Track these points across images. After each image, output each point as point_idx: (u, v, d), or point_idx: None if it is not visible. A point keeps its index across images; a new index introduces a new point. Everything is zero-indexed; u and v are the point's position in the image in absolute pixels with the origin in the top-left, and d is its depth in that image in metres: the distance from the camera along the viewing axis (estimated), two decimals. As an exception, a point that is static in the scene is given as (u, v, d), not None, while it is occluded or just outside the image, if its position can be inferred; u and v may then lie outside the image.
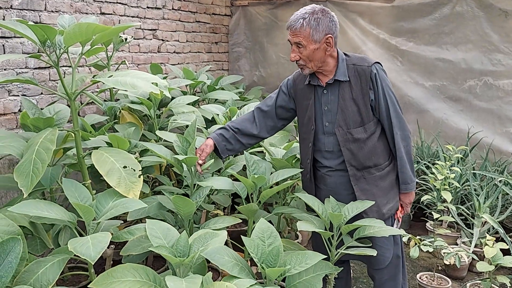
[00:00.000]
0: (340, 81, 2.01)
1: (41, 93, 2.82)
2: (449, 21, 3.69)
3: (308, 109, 2.10)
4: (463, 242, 3.13)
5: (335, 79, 2.01)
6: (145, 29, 3.64)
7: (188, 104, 2.87)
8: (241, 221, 2.24)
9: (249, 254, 1.71)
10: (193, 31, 4.20)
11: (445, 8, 3.69)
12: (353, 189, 2.05)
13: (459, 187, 3.27)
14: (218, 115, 2.81)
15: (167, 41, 3.89)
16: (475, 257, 2.65)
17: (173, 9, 3.92)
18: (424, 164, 3.70)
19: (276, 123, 2.26)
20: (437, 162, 3.03)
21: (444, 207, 2.98)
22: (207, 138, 2.22)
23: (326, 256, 1.76)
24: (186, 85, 3.35)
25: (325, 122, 2.07)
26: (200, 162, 2.12)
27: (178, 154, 2.15)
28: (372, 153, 2.04)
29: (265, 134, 2.26)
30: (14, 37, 2.62)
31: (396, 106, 2.03)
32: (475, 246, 2.94)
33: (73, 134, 2.02)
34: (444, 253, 2.80)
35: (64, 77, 2.90)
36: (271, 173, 2.30)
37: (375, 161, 2.05)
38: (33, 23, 1.79)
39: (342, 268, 1.94)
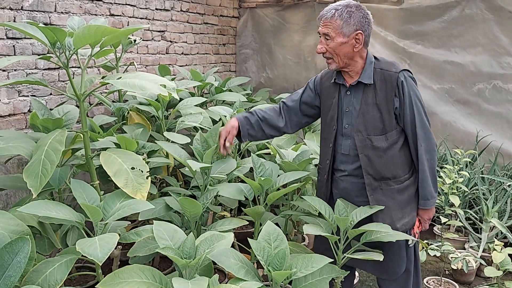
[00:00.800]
0: (364, 84, 1.94)
1: (50, 94, 2.85)
2: (458, 23, 3.67)
3: (331, 109, 2.05)
4: (471, 247, 3.11)
5: (359, 81, 1.94)
6: (153, 31, 3.66)
7: (195, 105, 2.88)
8: (248, 223, 2.24)
9: (255, 256, 1.71)
10: (201, 33, 4.21)
11: (454, 11, 3.67)
12: (366, 197, 1.98)
13: (467, 191, 3.25)
14: (225, 116, 2.82)
15: (175, 42, 3.90)
16: (483, 262, 2.63)
17: (181, 10, 3.93)
18: (432, 167, 3.67)
19: (300, 119, 2.19)
20: (445, 165, 3.01)
21: (452, 211, 2.95)
22: (232, 118, 2.16)
23: (333, 260, 1.75)
24: (194, 87, 3.36)
25: (344, 123, 2.01)
26: (228, 145, 2.07)
27: (193, 154, 2.16)
28: (392, 163, 1.95)
29: (289, 129, 2.19)
30: (25, 38, 2.64)
31: (423, 116, 1.94)
32: (483, 251, 2.91)
33: (81, 135, 2.03)
34: (451, 257, 2.78)
35: (73, 78, 2.94)
36: (278, 175, 2.30)
37: (394, 173, 1.96)
38: (43, 25, 1.81)
39: (349, 272, 1.92)
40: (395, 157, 1.96)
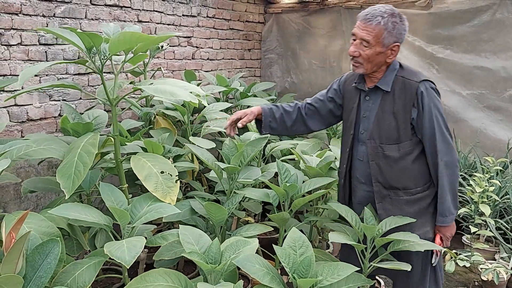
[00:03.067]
0: (382, 90, 1.91)
1: (80, 98, 2.92)
2: (488, 28, 3.58)
3: (351, 113, 2.02)
4: (502, 258, 3.01)
5: (376, 85, 1.92)
6: (180, 37, 3.71)
7: (221, 110, 2.90)
8: (272, 229, 2.23)
9: (280, 263, 1.70)
10: (226, 38, 4.24)
11: (485, 15, 3.58)
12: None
13: (498, 200, 3.15)
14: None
15: (201, 48, 3.94)
16: (514, 274, 2.54)
17: (207, 16, 3.97)
18: (461, 175, 3.58)
19: (323, 117, 2.16)
20: (474, 174, 2.93)
21: (482, 220, 2.87)
22: (256, 106, 2.13)
23: (359, 268, 1.73)
24: (219, 92, 3.38)
25: (361, 129, 1.98)
26: (240, 125, 2.04)
27: (218, 159, 2.17)
28: (403, 174, 1.91)
29: (312, 126, 2.17)
30: (56, 44, 2.72)
31: (443, 130, 1.86)
32: (515, 262, 2.81)
33: (112, 139, 2.07)
34: (481, 268, 2.70)
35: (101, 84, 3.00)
36: (303, 181, 2.28)
37: (404, 184, 1.91)
38: (73, 31, 1.85)
39: (375, 281, 1.89)
40: (406, 168, 1.90)
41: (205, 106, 2.92)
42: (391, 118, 1.89)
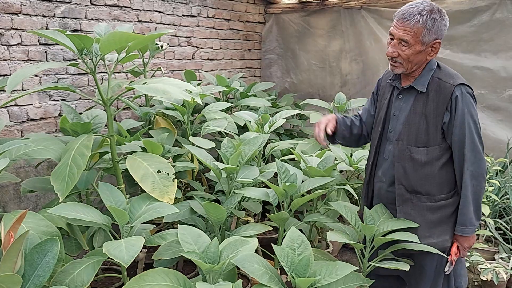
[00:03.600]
0: (417, 90, 1.86)
1: (80, 98, 2.92)
2: (488, 28, 3.58)
3: (382, 109, 1.98)
4: (501, 258, 3.01)
5: (411, 85, 1.86)
6: (180, 37, 3.71)
7: (221, 110, 2.90)
8: (272, 228, 2.23)
9: (279, 262, 1.70)
10: (226, 38, 4.25)
11: (485, 15, 3.58)
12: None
13: (497, 201, 3.15)
14: (250, 122, 2.83)
15: (201, 48, 3.94)
16: (514, 273, 2.54)
17: (207, 16, 3.98)
18: (460, 175, 3.58)
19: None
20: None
21: (482, 220, 2.87)
22: (330, 113, 2.09)
23: (357, 268, 1.73)
24: (219, 92, 3.39)
25: (390, 127, 1.94)
26: (329, 131, 2.00)
27: (217, 159, 2.18)
28: (427, 180, 1.85)
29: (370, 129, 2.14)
30: (56, 44, 2.72)
31: (475, 138, 1.79)
32: (514, 262, 2.81)
33: (108, 139, 2.07)
34: (480, 268, 2.70)
35: (101, 84, 3.01)
36: (303, 181, 2.28)
37: (428, 189, 1.86)
38: (73, 31, 1.86)
39: (374, 280, 1.88)
40: (433, 174, 1.85)
41: (204, 106, 2.93)
42: (422, 120, 1.84)
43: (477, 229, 2.72)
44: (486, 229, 3.02)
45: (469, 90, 1.82)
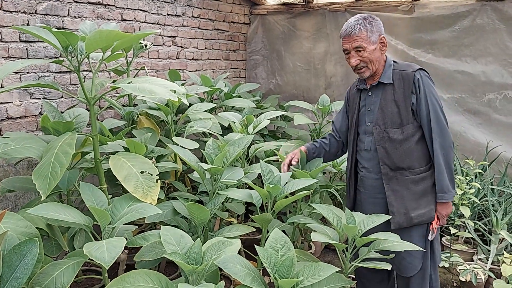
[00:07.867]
0: (384, 84, 2.13)
1: (62, 97, 2.87)
2: (469, 33, 3.65)
3: (355, 112, 2.25)
4: (480, 259, 3.07)
5: (379, 81, 2.14)
6: (164, 36, 3.68)
7: (205, 111, 2.89)
8: (255, 229, 2.23)
9: (262, 263, 1.70)
10: (211, 39, 4.24)
11: (466, 20, 3.65)
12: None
13: (477, 203, 3.21)
14: (234, 122, 2.82)
15: (186, 48, 3.92)
16: (492, 274, 2.59)
17: (192, 16, 3.96)
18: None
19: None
20: (455, 176, 2.98)
21: (461, 222, 2.92)
22: (301, 147, 2.47)
23: (339, 269, 1.74)
24: (204, 92, 3.37)
25: (367, 122, 2.19)
26: (294, 163, 2.33)
27: (201, 159, 2.16)
28: (407, 155, 2.09)
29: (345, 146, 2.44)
30: (38, 41, 2.68)
31: (439, 113, 2.07)
32: (492, 264, 2.87)
33: (91, 139, 2.04)
34: (460, 269, 2.75)
35: (84, 82, 2.96)
36: (286, 182, 2.29)
37: (409, 164, 2.10)
38: (56, 29, 1.83)
39: (356, 281, 1.92)
40: (410, 149, 2.10)
41: (189, 106, 2.91)
42: (393, 106, 2.11)
43: (457, 230, 2.77)
44: (465, 231, 3.08)
45: (426, 73, 2.13)
